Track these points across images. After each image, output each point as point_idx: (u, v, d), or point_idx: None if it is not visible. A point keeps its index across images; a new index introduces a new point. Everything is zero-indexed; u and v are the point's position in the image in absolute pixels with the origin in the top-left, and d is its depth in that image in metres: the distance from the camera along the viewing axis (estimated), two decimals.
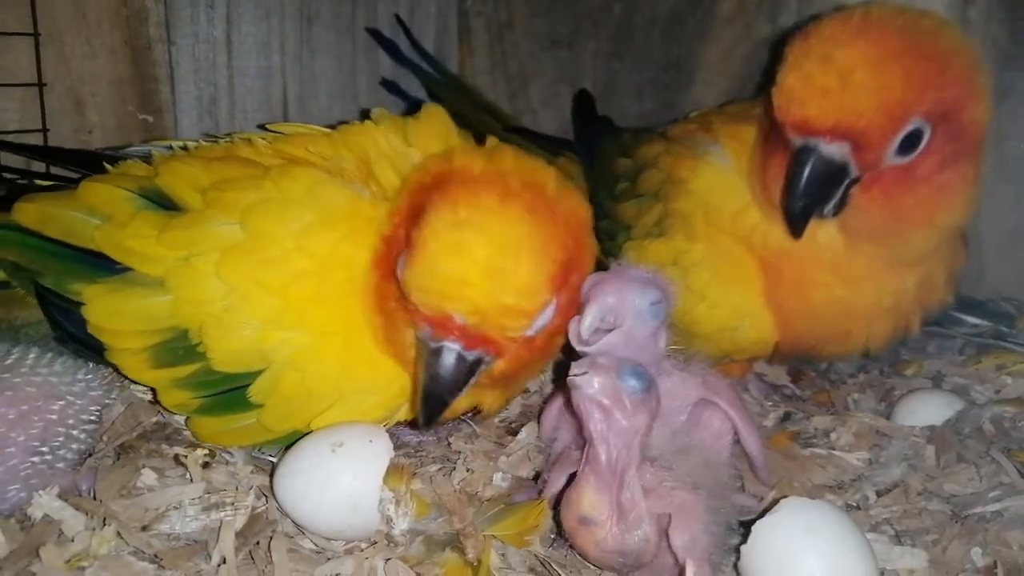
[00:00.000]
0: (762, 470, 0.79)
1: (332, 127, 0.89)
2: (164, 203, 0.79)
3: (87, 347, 0.79)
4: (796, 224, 0.85)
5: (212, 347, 0.74)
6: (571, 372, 0.67)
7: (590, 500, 0.67)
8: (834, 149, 0.80)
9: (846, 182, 0.82)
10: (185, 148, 0.90)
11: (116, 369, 0.80)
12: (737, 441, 0.77)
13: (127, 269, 0.77)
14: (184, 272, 0.75)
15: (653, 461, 0.69)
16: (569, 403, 0.71)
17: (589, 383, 0.66)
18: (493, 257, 0.65)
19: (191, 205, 0.78)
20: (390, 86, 1.48)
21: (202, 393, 0.77)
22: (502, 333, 0.68)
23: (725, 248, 0.96)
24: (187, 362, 0.76)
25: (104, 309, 0.77)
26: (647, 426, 0.68)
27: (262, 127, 0.92)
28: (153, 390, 0.80)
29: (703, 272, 0.95)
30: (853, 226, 0.87)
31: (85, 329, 0.77)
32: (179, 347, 0.76)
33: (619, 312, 0.72)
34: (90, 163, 0.91)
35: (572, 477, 0.70)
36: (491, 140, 0.84)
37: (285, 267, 0.74)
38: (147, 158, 0.88)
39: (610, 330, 0.73)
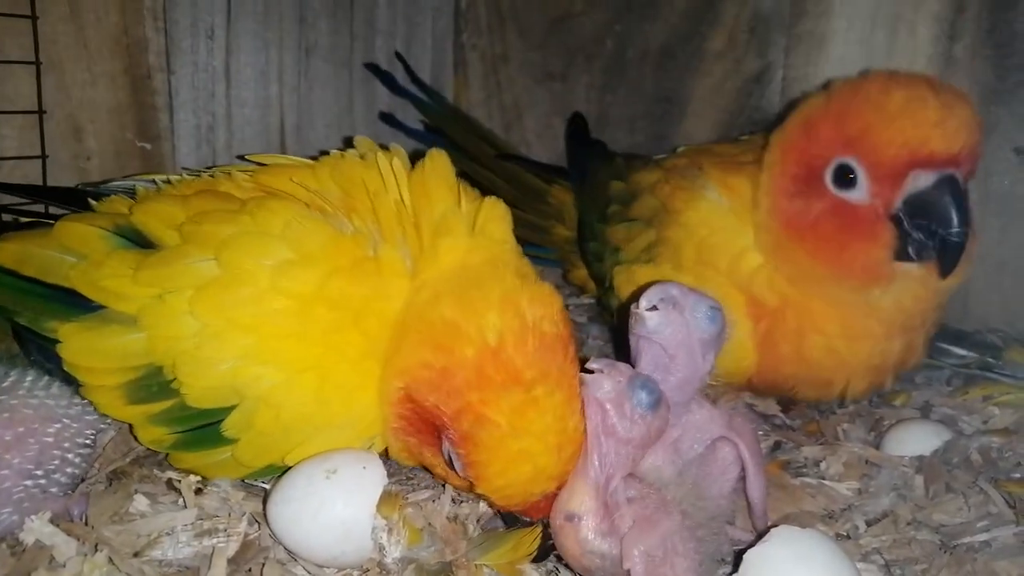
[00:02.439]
0: (759, 518, 0.79)
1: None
2: (140, 241, 0.78)
3: (65, 383, 0.78)
4: (955, 256, 0.87)
5: (186, 383, 0.74)
6: (587, 366, 0.69)
7: (579, 497, 0.68)
8: (961, 177, 0.86)
9: None
10: (168, 182, 0.90)
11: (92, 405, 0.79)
12: (741, 478, 0.78)
13: (102, 307, 0.76)
14: (158, 309, 0.74)
15: (642, 480, 0.70)
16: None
17: (599, 384, 0.68)
18: (552, 441, 0.68)
19: (167, 242, 0.77)
20: (387, 118, 1.50)
21: (177, 428, 0.76)
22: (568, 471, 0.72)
23: (713, 284, 0.96)
24: (162, 398, 0.75)
25: (78, 347, 0.76)
26: (643, 440, 0.68)
27: (241, 158, 0.92)
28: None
29: None
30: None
31: (61, 366, 0.77)
32: (153, 383, 0.75)
33: (679, 303, 0.73)
34: (79, 200, 0.91)
35: None
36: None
37: (260, 304, 0.74)
38: (131, 193, 0.88)
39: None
